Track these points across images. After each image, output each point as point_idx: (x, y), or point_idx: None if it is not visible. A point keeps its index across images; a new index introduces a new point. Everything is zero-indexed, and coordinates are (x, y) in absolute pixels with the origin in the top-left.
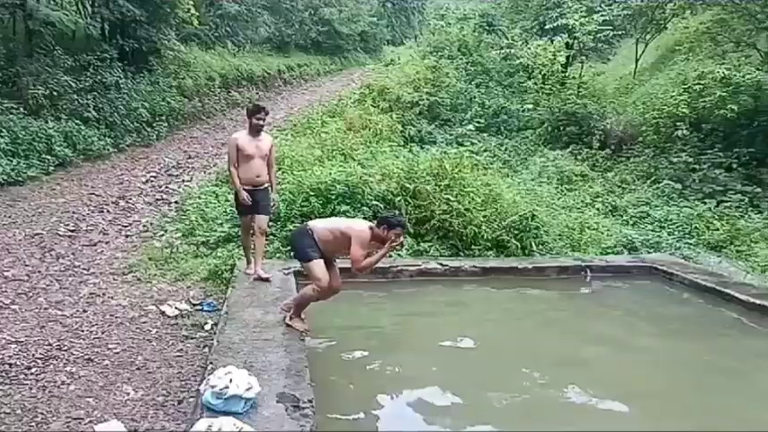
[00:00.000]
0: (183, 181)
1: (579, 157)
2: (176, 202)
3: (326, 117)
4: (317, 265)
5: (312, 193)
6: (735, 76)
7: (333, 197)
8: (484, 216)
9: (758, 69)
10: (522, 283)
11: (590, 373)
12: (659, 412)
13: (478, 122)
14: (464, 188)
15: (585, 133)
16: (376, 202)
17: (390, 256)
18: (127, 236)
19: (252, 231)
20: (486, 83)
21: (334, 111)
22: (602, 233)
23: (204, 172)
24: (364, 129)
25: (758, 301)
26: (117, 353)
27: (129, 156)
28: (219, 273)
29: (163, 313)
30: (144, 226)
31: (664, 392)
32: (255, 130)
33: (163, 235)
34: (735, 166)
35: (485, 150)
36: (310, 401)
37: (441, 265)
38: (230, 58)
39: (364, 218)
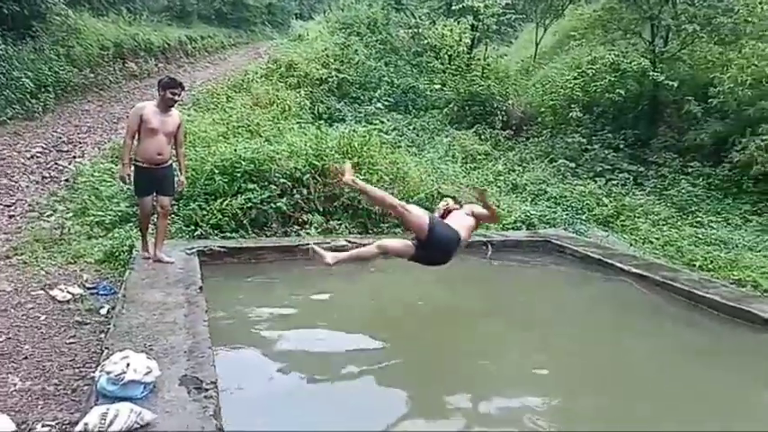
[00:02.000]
0: (74, 157)
1: (483, 137)
2: (67, 180)
3: (231, 92)
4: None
5: (217, 171)
6: (622, 62)
7: (239, 175)
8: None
9: (643, 57)
10: None
11: (490, 345)
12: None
13: (387, 101)
14: (373, 166)
15: (489, 114)
16: (284, 180)
17: (299, 235)
18: (10, 216)
19: (154, 212)
20: (394, 62)
21: (239, 86)
22: (504, 210)
23: (98, 148)
24: (271, 105)
25: (637, 271)
26: (0, 342)
27: (10, 130)
28: (116, 254)
29: (53, 298)
30: (30, 206)
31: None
32: (167, 105)
33: (52, 215)
34: (622, 146)
35: (393, 129)
36: (214, 383)
37: (349, 242)
38: (126, 26)
39: (270, 196)
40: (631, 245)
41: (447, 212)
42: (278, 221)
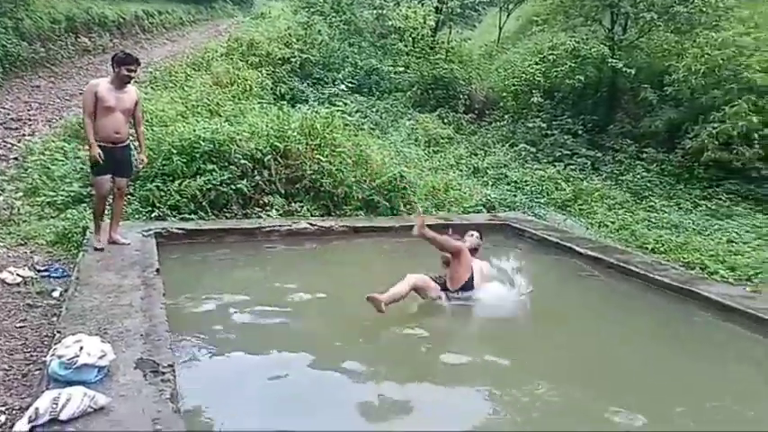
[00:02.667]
0: (24, 135)
1: (446, 121)
2: (15, 159)
3: (191, 70)
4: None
5: (175, 151)
6: (583, 48)
7: (198, 155)
8: (354, 177)
9: (602, 44)
10: (390, 242)
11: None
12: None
13: (351, 83)
14: (335, 148)
15: (452, 97)
16: (244, 161)
17: (260, 217)
18: None
19: (110, 193)
20: (358, 43)
21: (199, 64)
22: (465, 193)
23: (49, 126)
24: (232, 84)
25: (593, 253)
26: None
27: None
28: (69, 236)
29: (2, 281)
30: None
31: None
32: (122, 82)
33: None
34: (581, 132)
35: (356, 111)
36: (171, 366)
37: (311, 225)
38: None
39: (230, 177)
40: (588, 228)
41: (474, 250)
42: (238, 203)
